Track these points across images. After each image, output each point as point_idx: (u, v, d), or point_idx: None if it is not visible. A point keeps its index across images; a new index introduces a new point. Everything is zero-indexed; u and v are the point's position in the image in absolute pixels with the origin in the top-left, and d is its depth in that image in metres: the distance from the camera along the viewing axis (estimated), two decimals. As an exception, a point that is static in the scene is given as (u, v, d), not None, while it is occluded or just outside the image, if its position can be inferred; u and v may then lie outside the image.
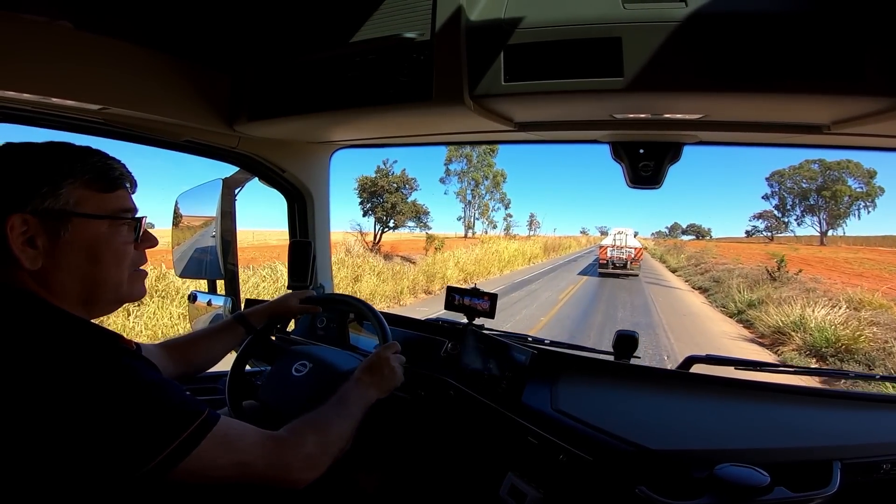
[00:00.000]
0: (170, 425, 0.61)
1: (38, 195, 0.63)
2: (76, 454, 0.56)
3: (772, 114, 0.94)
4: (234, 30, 1.12)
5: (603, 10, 0.80)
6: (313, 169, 1.71)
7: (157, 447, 0.59)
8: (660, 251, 37.99)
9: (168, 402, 0.63)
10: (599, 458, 0.97)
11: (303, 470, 0.75)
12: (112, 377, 0.59)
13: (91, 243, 0.67)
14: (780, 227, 47.74)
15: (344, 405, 0.89)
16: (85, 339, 0.63)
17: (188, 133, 1.31)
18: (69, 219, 0.65)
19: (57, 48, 0.94)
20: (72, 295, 0.67)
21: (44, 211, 0.63)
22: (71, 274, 0.66)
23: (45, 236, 0.63)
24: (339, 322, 1.63)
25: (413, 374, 1.36)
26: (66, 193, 0.65)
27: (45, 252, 0.63)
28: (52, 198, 0.64)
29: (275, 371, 1.19)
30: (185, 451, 0.61)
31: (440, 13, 0.88)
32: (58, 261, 0.64)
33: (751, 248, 33.41)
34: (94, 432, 0.56)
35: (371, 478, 1.33)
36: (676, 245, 43.48)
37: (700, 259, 24.92)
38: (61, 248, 0.64)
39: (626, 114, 0.98)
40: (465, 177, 35.77)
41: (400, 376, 1.04)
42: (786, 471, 0.86)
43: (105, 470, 0.57)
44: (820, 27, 0.72)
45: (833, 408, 1.14)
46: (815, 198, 41.70)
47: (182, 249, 1.78)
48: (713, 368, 1.31)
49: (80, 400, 0.56)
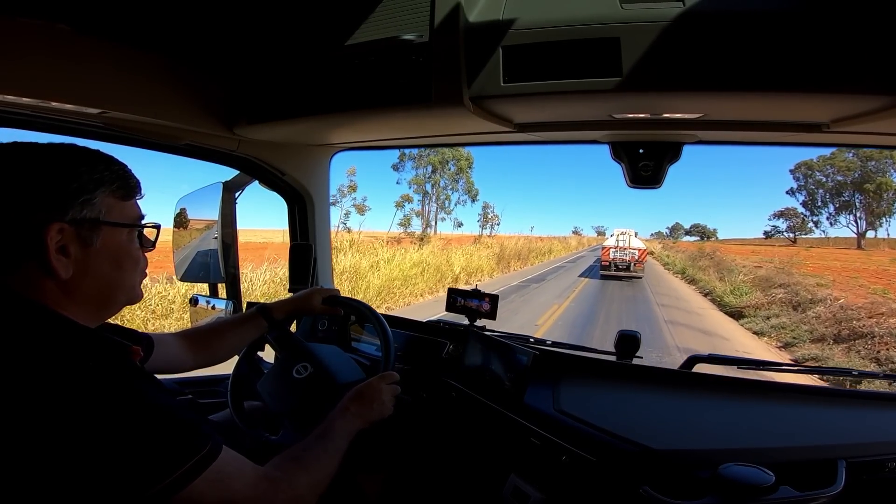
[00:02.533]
0: (173, 455, 0.60)
1: (76, 204, 0.62)
2: (77, 477, 0.55)
3: (771, 112, 0.94)
4: (233, 33, 1.12)
5: (601, 11, 0.80)
6: (313, 171, 1.71)
7: (157, 476, 0.58)
8: (677, 261, 24.93)
9: (173, 431, 0.61)
10: (602, 459, 0.97)
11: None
12: (119, 401, 0.58)
13: (116, 251, 0.68)
14: (805, 227, 40.16)
15: (331, 439, 0.87)
16: (94, 358, 0.61)
17: (188, 136, 1.32)
18: (100, 228, 0.65)
19: (56, 51, 0.94)
20: (91, 300, 0.67)
21: (81, 220, 0.63)
22: (95, 281, 0.66)
23: (77, 245, 0.63)
24: (341, 324, 1.63)
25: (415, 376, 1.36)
26: (99, 202, 0.65)
27: (75, 261, 0.63)
28: (89, 207, 0.64)
29: (277, 366, 1.19)
30: (183, 484, 0.59)
31: (438, 15, 0.88)
32: (85, 269, 0.64)
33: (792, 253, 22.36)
34: (95, 457, 0.55)
35: (373, 480, 1.33)
36: (704, 253, 25.98)
37: (792, 286, 11.86)
38: (91, 257, 0.65)
39: (626, 114, 0.98)
40: (421, 163, 29.01)
41: (389, 410, 1.01)
42: (790, 470, 0.86)
43: (103, 495, 0.56)
44: (818, 26, 0.72)
45: (837, 406, 1.13)
46: (851, 193, 33.82)
47: (183, 253, 1.78)
48: (716, 368, 1.31)
49: (85, 423, 0.55)
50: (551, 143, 1.41)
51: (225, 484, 0.65)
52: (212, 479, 0.62)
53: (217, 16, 1.04)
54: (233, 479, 0.66)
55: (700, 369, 1.32)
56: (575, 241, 54.91)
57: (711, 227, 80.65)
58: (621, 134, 1.17)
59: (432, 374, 1.35)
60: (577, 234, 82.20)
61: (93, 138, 1.20)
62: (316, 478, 0.79)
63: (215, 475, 0.63)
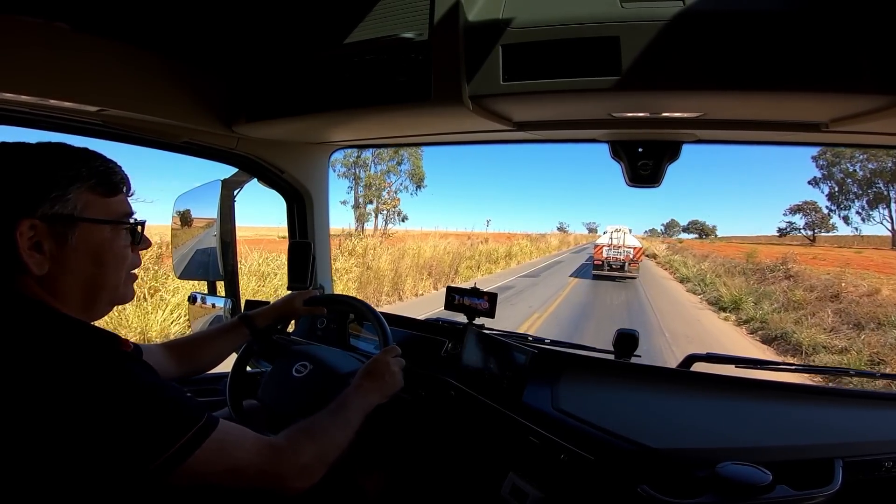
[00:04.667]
0: (170, 429, 0.61)
1: (47, 200, 0.62)
2: (77, 458, 0.56)
3: (770, 112, 0.94)
4: (232, 31, 1.12)
5: (601, 9, 0.80)
6: (312, 169, 1.71)
7: (157, 451, 0.59)
8: (699, 273, 15.92)
9: (168, 406, 0.62)
10: (601, 458, 0.97)
11: (296, 479, 0.74)
12: (113, 381, 0.59)
13: (96, 248, 0.67)
14: (827, 224, 35.55)
15: (343, 413, 0.88)
16: (86, 344, 0.63)
17: (187, 134, 1.31)
18: (76, 224, 0.65)
19: (55, 49, 0.93)
20: (74, 299, 0.67)
21: (52, 216, 0.63)
22: (75, 278, 0.66)
23: (51, 241, 0.63)
24: (340, 323, 1.63)
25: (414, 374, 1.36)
26: (74, 198, 0.65)
27: (51, 257, 0.63)
28: (61, 203, 0.63)
29: (275, 371, 1.19)
30: (184, 456, 0.61)
31: (438, 13, 0.88)
32: (63, 265, 0.64)
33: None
34: (94, 436, 0.56)
35: (372, 478, 1.33)
36: (762, 264, 15.09)
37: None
38: (67, 253, 0.64)
39: (625, 112, 0.98)
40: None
41: (400, 381, 1.03)
42: (787, 469, 0.86)
43: (105, 473, 0.57)
44: (817, 25, 0.72)
45: (834, 405, 1.14)
46: (886, 184, 28.36)
47: (182, 251, 1.78)
48: (714, 367, 1.31)
49: (82, 404, 0.56)
50: (550, 141, 1.41)
51: (227, 453, 0.66)
52: (214, 447, 0.64)
53: (216, 13, 1.04)
54: (235, 448, 0.68)
55: (698, 368, 1.32)
56: (557, 241, 43.72)
57: (711, 224, 76.30)
58: (620, 133, 1.17)
59: (431, 372, 1.35)
60: (562, 230, 72.23)
61: (91, 136, 1.20)
62: (324, 449, 0.79)
63: (216, 444, 0.64)
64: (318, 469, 0.77)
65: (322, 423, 0.84)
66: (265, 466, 0.70)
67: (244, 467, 0.68)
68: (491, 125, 1.08)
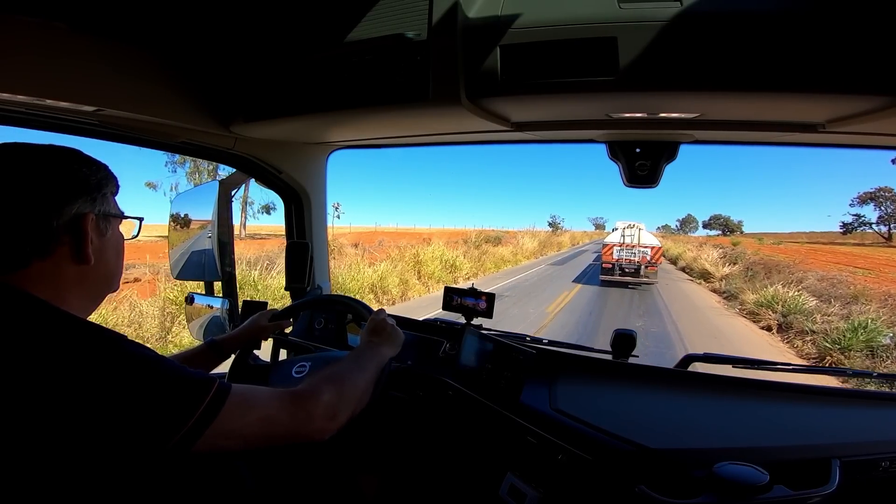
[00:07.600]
0: (189, 396, 0.62)
1: (100, 196, 0.71)
2: (101, 438, 0.57)
3: (767, 112, 0.95)
4: (229, 30, 1.11)
5: (599, 10, 0.80)
6: (310, 170, 1.70)
7: (180, 419, 0.60)
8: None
9: (180, 376, 0.64)
10: (598, 458, 0.97)
11: (323, 419, 0.75)
12: (122, 360, 0.61)
13: (118, 241, 0.76)
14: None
15: (358, 361, 0.91)
16: (83, 332, 0.63)
17: (184, 134, 1.31)
18: (110, 220, 0.74)
19: (52, 49, 0.93)
20: (94, 287, 0.72)
21: (101, 212, 0.71)
22: (105, 268, 0.73)
23: (97, 234, 0.70)
24: (338, 323, 1.63)
25: (412, 374, 1.36)
26: (108, 196, 0.73)
27: (95, 249, 0.70)
28: (105, 201, 0.72)
29: (274, 376, 1.18)
30: (210, 418, 0.62)
31: (436, 13, 0.88)
32: (100, 257, 0.71)
33: None
34: (115, 414, 0.57)
35: (371, 479, 1.33)
36: None
37: None
38: (105, 246, 0.72)
39: (623, 113, 0.99)
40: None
41: (401, 333, 1.06)
42: (785, 469, 0.86)
43: (132, 449, 0.59)
44: (814, 26, 0.72)
45: (832, 405, 1.14)
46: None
47: (179, 251, 1.77)
48: (712, 367, 1.31)
49: (96, 385, 0.57)
50: (548, 142, 1.41)
51: (252, 404, 0.69)
52: (237, 403, 0.66)
53: (213, 13, 1.04)
54: (257, 400, 0.70)
55: (696, 368, 1.32)
56: (532, 244, 26.55)
57: (736, 220, 65.84)
58: (618, 133, 1.17)
59: (429, 372, 1.35)
60: (554, 227, 52.45)
61: (88, 136, 1.20)
62: (342, 388, 0.81)
63: (239, 400, 0.66)
64: (342, 409, 0.78)
65: (340, 368, 0.87)
66: (293, 409, 0.72)
67: (274, 414, 0.70)
68: (489, 125, 1.08)
